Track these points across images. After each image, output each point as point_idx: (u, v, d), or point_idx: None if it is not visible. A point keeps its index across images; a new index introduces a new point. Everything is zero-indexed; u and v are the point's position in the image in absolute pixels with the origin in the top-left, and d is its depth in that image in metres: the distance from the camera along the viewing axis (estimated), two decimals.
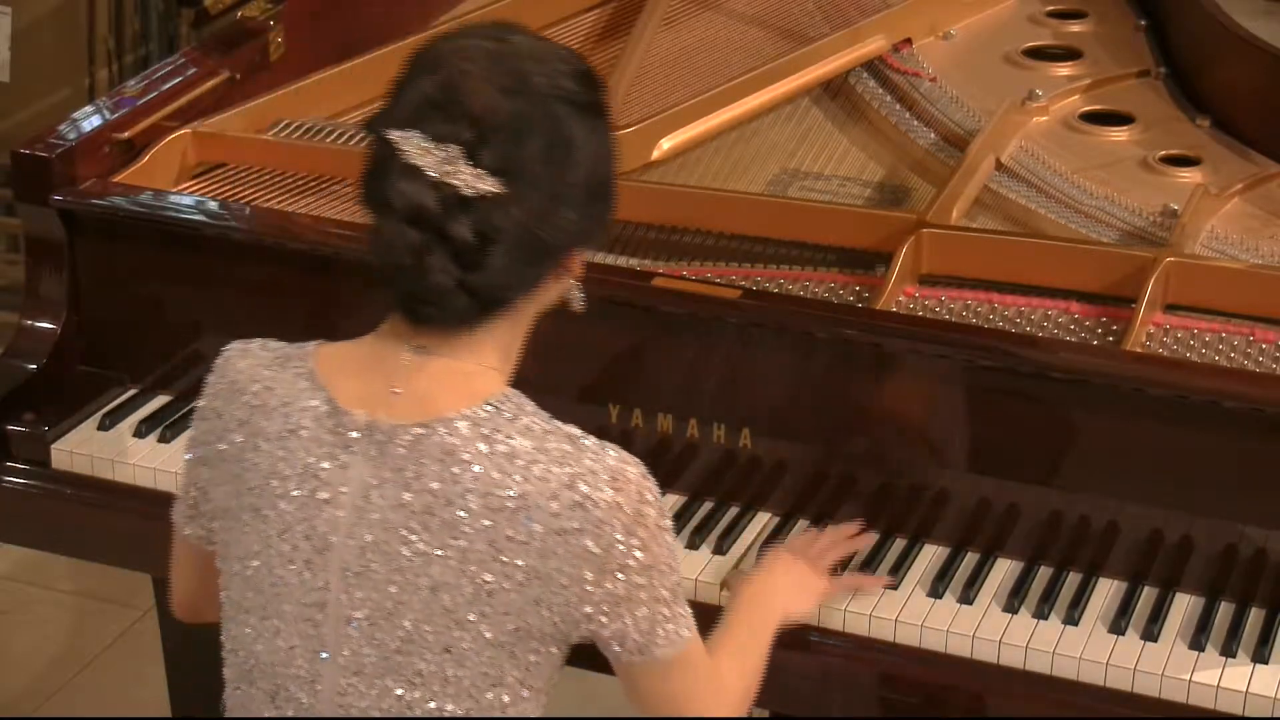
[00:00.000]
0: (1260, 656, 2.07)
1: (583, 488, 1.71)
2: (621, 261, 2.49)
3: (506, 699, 1.77)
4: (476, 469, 1.71)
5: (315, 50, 2.89)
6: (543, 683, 1.80)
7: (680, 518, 2.28)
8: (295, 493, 1.76)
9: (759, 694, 2.16)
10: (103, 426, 2.49)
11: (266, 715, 1.81)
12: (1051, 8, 3.10)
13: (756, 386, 2.29)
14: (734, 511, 2.31)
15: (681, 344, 2.30)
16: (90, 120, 2.61)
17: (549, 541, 1.71)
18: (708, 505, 2.32)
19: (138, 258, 2.54)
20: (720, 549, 2.25)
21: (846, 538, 2.19)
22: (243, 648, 1.83)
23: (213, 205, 2.56)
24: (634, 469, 1.74)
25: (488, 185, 1.68)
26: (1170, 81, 2.89)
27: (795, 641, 2.13)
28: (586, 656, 1.86)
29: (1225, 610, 2.14)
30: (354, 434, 1.75)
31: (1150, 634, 2.11)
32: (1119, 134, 2.74)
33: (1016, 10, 3.10)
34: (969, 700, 2.11)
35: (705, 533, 2.26)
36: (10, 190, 2.63)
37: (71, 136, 2.56)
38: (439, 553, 1.72)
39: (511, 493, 1.71)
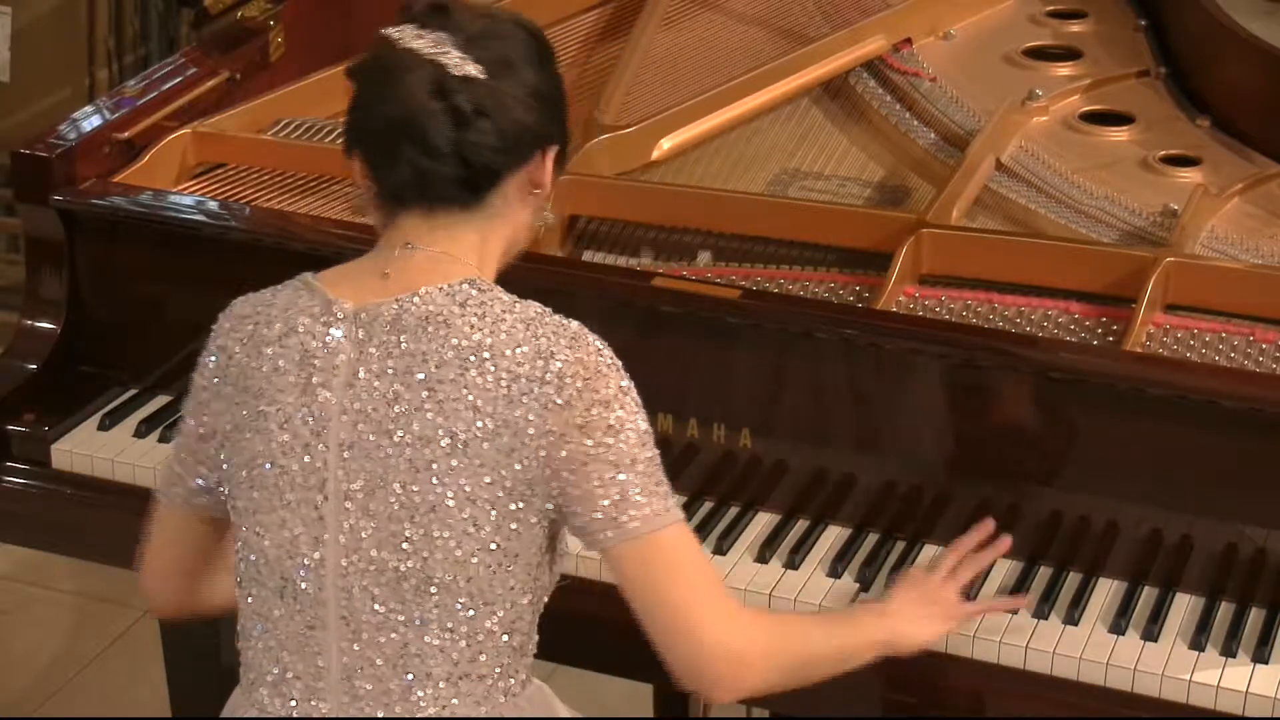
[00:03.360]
0: (1260, 656, 2.07)
1: (544, 343, 1.83)
2: (621, 261, 2.49)
3: (494, 567, 1.84)
4: (450, 326, 1.83)
5: (315, 50, 2.88)
6: (530, 562, 1.86)
7: None
8: (294, 383, 1.86)
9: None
10: (103, 426, 2.49)
11: (277, 612, 1.89)
12: (1051, 8, 3.10)
13: (756, 386, 2.29)
14: (734, 511, 2.31)
15: (681, 344, 2.30)
16: (90, 120, 2.62)
17: (513, 389, 1.81)
18: (708, 505, 2.32)
19: (138, 258, 2.54)
20: (720, 549, 2.25)
21: (971, 551, 2.13)
22: (252, 550, 1.90)
23: (213, 205, 2.56)
24: (594, 338, 1.86)
25: (472, 69, 1.84)
26: (1170, 81, 2.89)
27: None
28: (588, 656, 1.87)
29: (1225, 610, 2.14)
30: (342, 318, 1.86)
31: (1150, 634, 2.11)
32: (1119, 134, 2.74)
33: (1016, 10, 3.10)
34: (969, 700, 2.11)
35: (705, 533, 2.26)
36: (10, 190, 2.63)
37: (71, 136, 2.56)
38: (419, 409, 1.82)
39: (481, 344, 1.82)
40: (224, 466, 1.92)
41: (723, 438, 2.31)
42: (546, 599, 1.92)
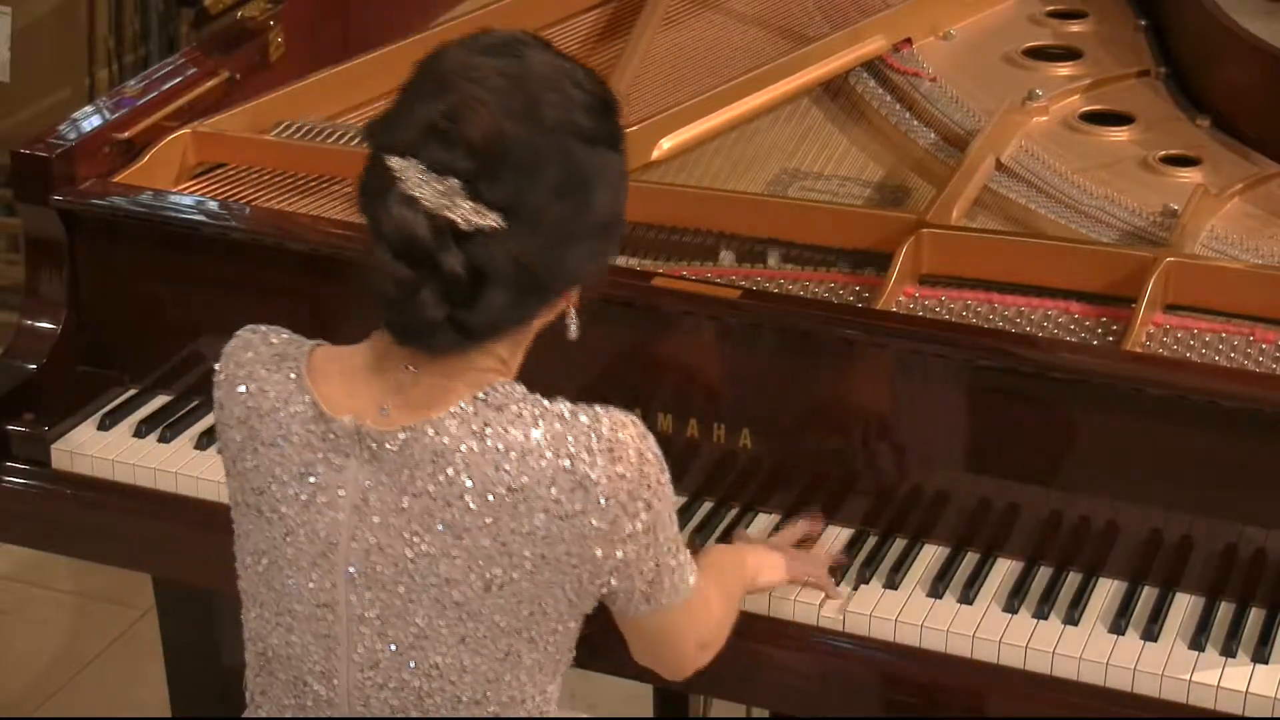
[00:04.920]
0: (1260, 656, 2.07)
1: (581, 468, 1.69)
2: (621, 261, 2.49)
3: (524, 678, 1.78)
4: (471, 468, 1.70)
5: (315, 50, 2.88)
6: (561, 655, 1.81)
7: (680, 518, 2.27)
8: (294, 496, 1.76)
9: (759, 694, 2.17)
10: (103, 426, 2.48)
11: (287, 701, 1.83)
12: (1051, 8, 3.10)
13: (756, 386, 2.29)
14: (734, 512, 2.31)
15: (681, 344, 2.30)
16: (90, 120, 2.61)
17: (554, 528, 1.70)
18: (708, 505, 2.32)
19: (138, 258, 2.54)
20: None
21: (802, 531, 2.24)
22: (260, 638, 1.84)
23: (213, 205, 2.56)
24: (629, 431, 1.72)
25: (487, 220, 1.62)
26: (1170, 81, 2.89)
27: (795, 641, 2.13)
28: (588, 656, 1.86)
29: (1225, 610, 2.14)
30: (344, 439, 1.73)
31: (1150, 634, 2.11)
32: (1119, 134, 2.74)
33: (1016, 10, 3.10)
34: (969, 700, 2.11)
35: (706, 533, 2.26)
36: (10, 190, 2.63)
37: (71, 136, 2.56)
38: (444, 553, 1.71)
39: (510, 486, 1.69)
40: (234, 524, 1.85)
41: (723, 438, 2.30)
42: None
